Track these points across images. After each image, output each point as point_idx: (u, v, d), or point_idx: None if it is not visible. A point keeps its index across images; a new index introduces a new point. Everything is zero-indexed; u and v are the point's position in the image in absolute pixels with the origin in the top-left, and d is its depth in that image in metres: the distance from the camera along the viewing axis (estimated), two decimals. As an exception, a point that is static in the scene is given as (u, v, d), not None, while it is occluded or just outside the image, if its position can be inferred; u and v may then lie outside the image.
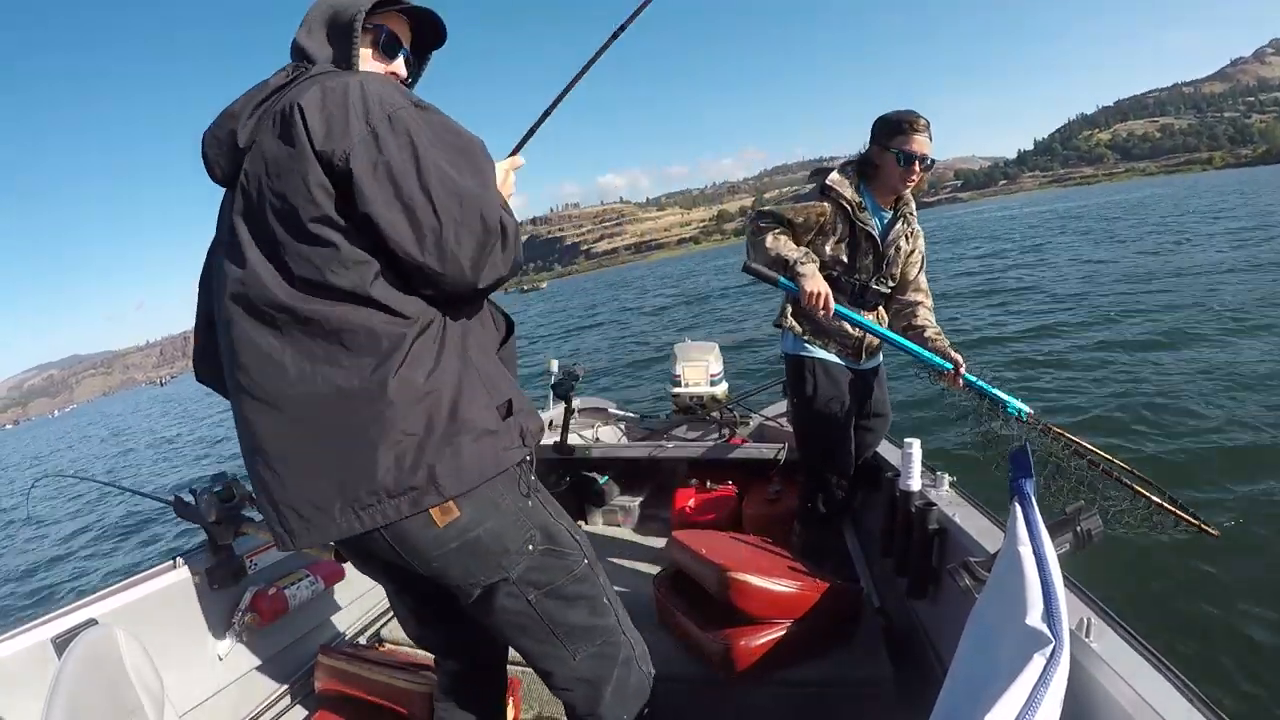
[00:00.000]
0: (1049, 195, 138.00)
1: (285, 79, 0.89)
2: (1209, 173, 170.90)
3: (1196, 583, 2.47)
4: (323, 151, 0.80)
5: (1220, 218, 18.42)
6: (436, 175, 0.82)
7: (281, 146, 0.82)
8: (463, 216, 0.83)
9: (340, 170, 0.80)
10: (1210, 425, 3.89)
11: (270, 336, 0.84)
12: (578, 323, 19.29)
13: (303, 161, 0.81)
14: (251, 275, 0.83)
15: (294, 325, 0.83)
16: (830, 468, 1.99)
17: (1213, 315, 6.61)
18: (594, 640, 1.01)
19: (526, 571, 0.93)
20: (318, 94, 0.82)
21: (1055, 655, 0.54)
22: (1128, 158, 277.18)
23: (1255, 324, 6.02)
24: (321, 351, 0.83)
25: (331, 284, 0.82)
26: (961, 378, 1.81)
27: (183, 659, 1.46)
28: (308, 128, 0.80)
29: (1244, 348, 5.35)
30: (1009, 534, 0.81)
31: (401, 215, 0.81)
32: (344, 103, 0.81)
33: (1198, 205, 26.00)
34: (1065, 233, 22.20)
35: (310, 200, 0.81)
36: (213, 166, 0.91)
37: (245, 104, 0.89)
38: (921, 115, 1.75)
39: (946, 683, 0.66)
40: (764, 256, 1.79)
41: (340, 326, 0.82)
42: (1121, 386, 4.86)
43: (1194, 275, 9.20)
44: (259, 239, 0.85)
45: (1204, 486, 3.20)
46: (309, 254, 0.82)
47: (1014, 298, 9.92)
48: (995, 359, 6.31)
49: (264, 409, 0.85)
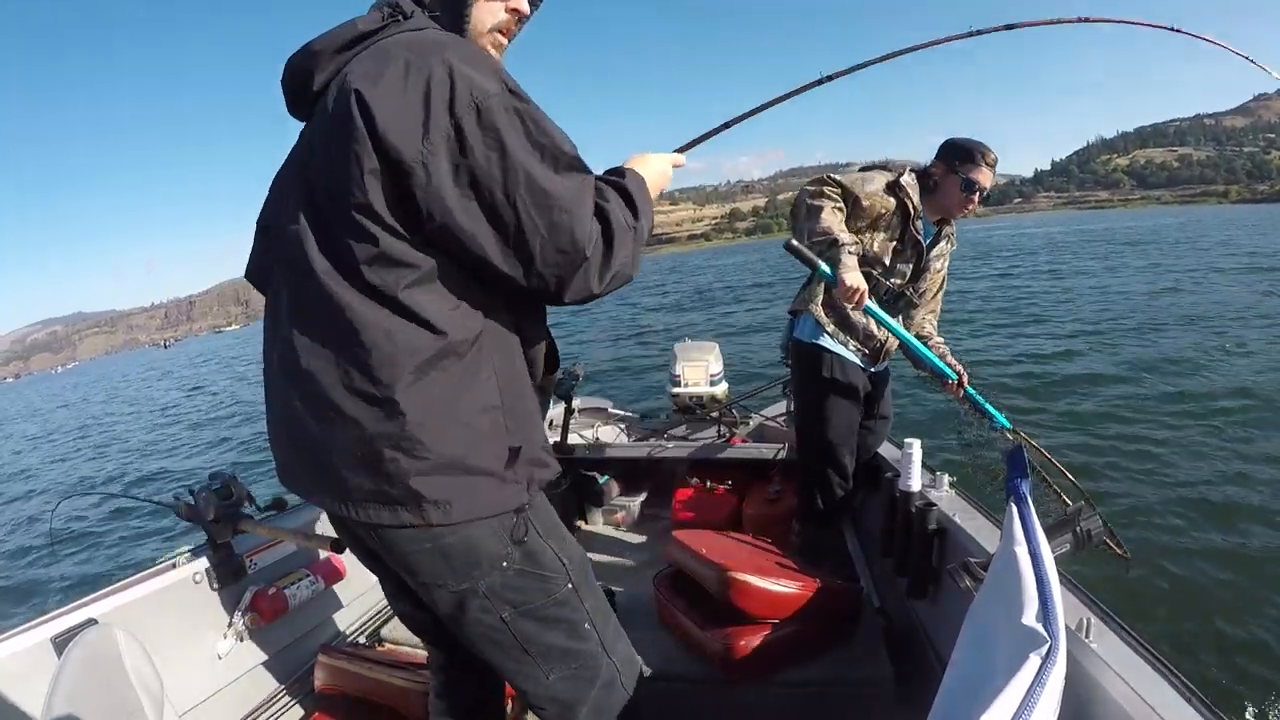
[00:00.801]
0: (1063, 217, 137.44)
1: (376, 25, 0.79)
2: (1224, 206, 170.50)
3: (1197, 582, 2.47)
4: (391, 146, 0.71)
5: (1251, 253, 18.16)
6: (526, 183, 0.73)
7: (342, 122, 0.73)
8: (551, 232, 0.74)
9: (409, 169, 0.72)
10: (1212, 450, 3.89)
11: (300, 300, 0.80)
12: (579, 324, 19.32)
13: (359, 145, 0.72)
14: (301, 233, 0.78)
15: (321, 301, 0.77)
16: (831, 466, 1.99)
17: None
18: (569, 663, 0.95)
19: (500, 588, 0.87)
20: (398, 75, 0.72)
21: (1051, 655, 0.54)
22: (1144, 185, 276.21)
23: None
24: (338, 338, 0.77)
25: (364, 276, 0.75)
26: (963, 389, 1.90)
27: (183, 659, 1.46)
28: (374, 115, 0.71)
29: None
30: (1005, 534, 0.81)
31: (486, 226, 0.74)
32: (425, 91, 0.71)
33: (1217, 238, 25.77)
34: (1080, 255, 22.21)
35: (360, 186, 0.73)
36: (290, 100, 0.86)
37: (328, 45, 0.80)
38: (992, 150, 1.82)
39: (944, 683, 0.66)
40: (815, 223, 1.73)
41: (363, 322, 0.75)
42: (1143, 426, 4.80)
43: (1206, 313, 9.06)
44: (309, 201, 0.79)
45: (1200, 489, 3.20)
46: (348, 239, 0.75)
47: (1025, 320, 9.89)
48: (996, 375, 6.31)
49: (281, 368, 0.83)
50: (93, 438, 14.35)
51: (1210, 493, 3.14)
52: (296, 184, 0.82)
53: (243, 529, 1.60)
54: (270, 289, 0.90)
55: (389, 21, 0.80)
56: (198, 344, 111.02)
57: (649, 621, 1.72)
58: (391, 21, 0.80)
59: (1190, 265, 15.73)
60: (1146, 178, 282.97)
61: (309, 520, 1.87)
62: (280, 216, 0.85)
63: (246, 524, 1.60)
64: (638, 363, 10.27)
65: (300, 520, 1.84)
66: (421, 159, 0.71)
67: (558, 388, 2.85)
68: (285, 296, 0.84)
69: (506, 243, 0.75)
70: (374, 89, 0.72)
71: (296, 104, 0.86)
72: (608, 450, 2.77)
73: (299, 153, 0.85)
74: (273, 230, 0.88)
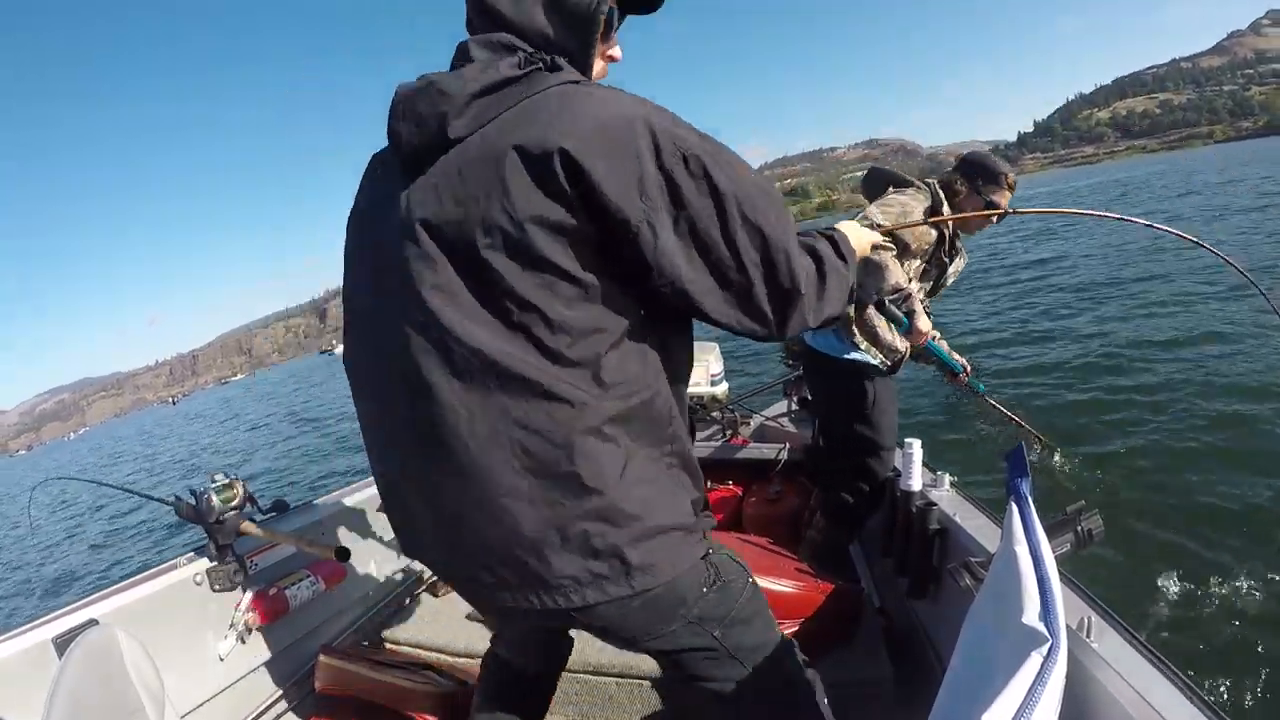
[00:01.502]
0: (1050, 176, 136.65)
1: (515, 71, 0.72)
2: (1210, 146, 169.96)
3: (1197, 582, 2.47)
4: (612, 205, 0.68)
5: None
6: (741, 225, 0.72)
7: (537, 178, 0.68)
8: (769, 270, 0.75)
9: (634, 229, 0.69)
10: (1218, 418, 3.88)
11: (450, 373, 0.72)
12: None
13: (560, 204, 0.68)
14: (444, 299, 0.72)
15: (483, 373, 0.71)
16: (883, 469, 1.94)
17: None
18: (766, 651, 0.93)
19: (706, 612, 0.85)
20: (596, 132, 0.68)
21: (1052, 653, 0.54)
22: (1128, 135, 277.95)
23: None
24: (515, 413, 0.71)
25: (540, 339, 0.71)
26: (967, 379, 2.02)
27: (183, 659, 1.46)
28: (587, 173, 0.67)
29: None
30: (1005, 533, 0.81)
31: (706, 273, 0.73)
32: (633, 148, 0.68)
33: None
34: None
35: (551, 247, 0.69)
36: (399, 138, 0.76)
37: (462, 88, 0.72)
38: (1012, 172, 1.97)
39: (944, 683, 0.66)
40: (885, 280, 1.78)
41: (542, 390, 0.71)
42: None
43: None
44: (455, 262, 0.72)
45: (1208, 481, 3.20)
46: (520, 301, 0.70)
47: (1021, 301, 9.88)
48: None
49: (428, 451, 0.76)
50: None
51: (1211, 485, 3.14)
52: (417, 242, 0.73)
53: (245, 531, 1.60)
54: (371, 362, 0.83)
55: (530, 70, 0.73)
56: (204, 397, 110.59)
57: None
58: (534, 70, 0.74)
59: (1183, 210, 15.70)
60: (1130, 127, 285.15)
61: (311, 523, 1.87)
62: (396, 280, 0.76)
63: (248, 526, 1.61)
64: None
65: (302, 523, 1.84)
66: (645, 217, 0.69)
67: None
68: (410, 368, 0.74)
69: (727, 286, 0.75)
70: (581, 146, 0.67)
71: (409, 142, 0.76)
72: None
73: (407, 194, 0.75)
74: (384, 294, 0.79)
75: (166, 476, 14.36)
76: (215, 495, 1.57)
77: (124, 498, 9.07)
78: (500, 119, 0.72)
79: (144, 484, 13.65)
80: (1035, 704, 0.50)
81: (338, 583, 1.84)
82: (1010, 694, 0.51)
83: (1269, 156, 40.35)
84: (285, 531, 1.69)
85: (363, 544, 2.01)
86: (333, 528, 1.95)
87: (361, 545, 1.99)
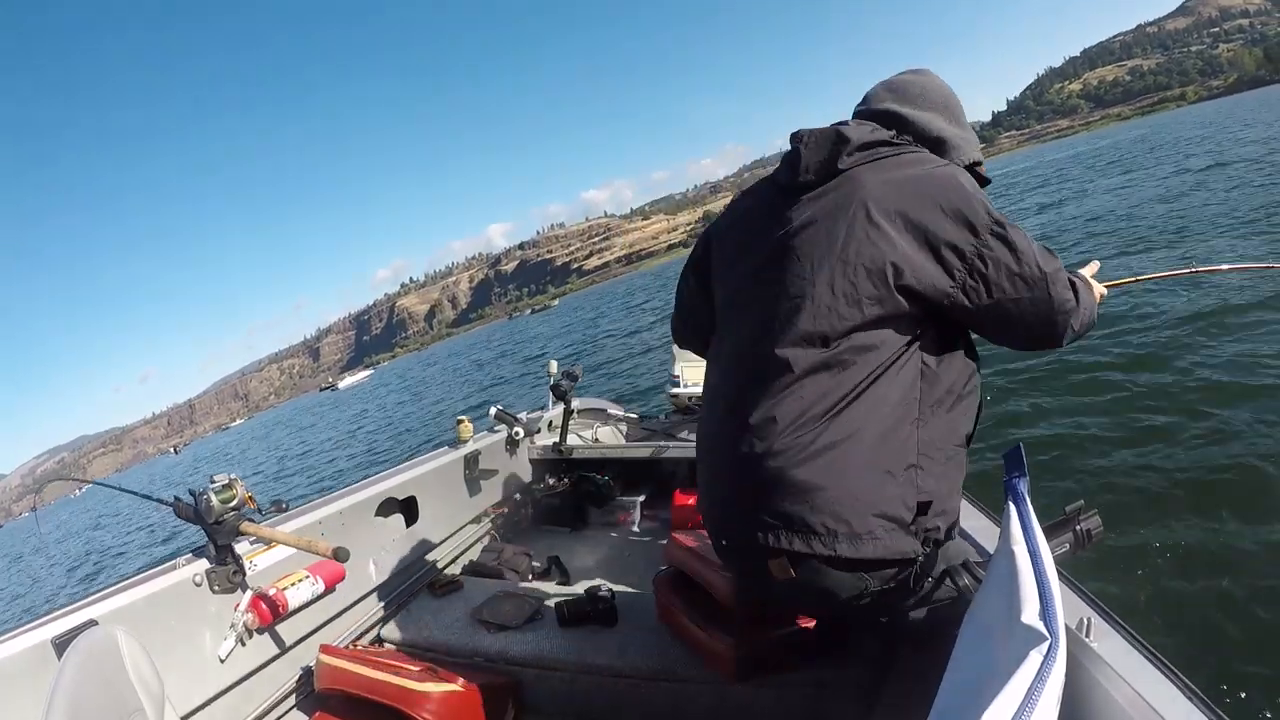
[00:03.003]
0: (1027, 152, 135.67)
1: (889, 137, 1.06)
2: (1184, 107, 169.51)
3: (1197, 583, 2.47)
4: (959, 238, 0.95)
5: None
6: (1038, 266, 0.99)
7: (917, 211, 0.96)
8: (1055, 295, 1.01)
9: (970, 257, 0.96)
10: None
11: (803, 358, 0.97)
12: (584, 334, 19.27)
13: (924, 234, 0.96)
14: (816, 299, 0.97)
15: (830, 359, 0.96)
16: None
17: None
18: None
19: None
20: (954, 188, 0.98)
21: (1052, 652, 0.54)
22: (1101, 105, 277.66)
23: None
24: (854, 395, 0.96)
25: (889, 346, 0.97)
26: None
27: (183, 660, 1.46)
28: (958, 209, 0.96)
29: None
30: (1003, 533, 0.81)
31: (1015, 301, 0.99)
32: (979, 203, 0.97)
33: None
34: (1051, 186, 21.92)
35: (908, 265, 0.95)
36: (799, 167, 1.05)
37: (855, 138, 1.02)
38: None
39: (944, 683, 0.66)
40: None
41: (868, 383, 0.96)
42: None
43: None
44: (822, 269, 0.98)
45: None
46: (881, 312, 0.96)
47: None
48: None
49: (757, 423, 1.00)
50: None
51: (1211, 485, 3.13)
52: (793, 251, 1.01)
53: (244, 532, 1.60)
54: (741, 366, 1.08)
55: (895, 140, 1.06)
56: (206, 444, 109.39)
57: (649, 621, 1.72)
58: (899, 140, 1.07)
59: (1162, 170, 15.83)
60: (1102, 97, 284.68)
61: (311, 523, 1.87)
62: (770, 288, 1.04)
63: (248, 526, 1.60)
64: (638, 364, 10.26)
65: (302, 523, 1.84)
66: (981, 248, 0.96)
67: (556, 389, 2.85)
68: (765, 373, 1.00)
69: (1032, 307, 1.01)
70: (947, 192, 0.97)
71: (805, 173, 1.05)
72: (608, 450, 2.77)
73: (793, 216, 1.04)
74: (759, 301, 1.06)
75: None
76: (214, 496, 1.56)
77: (114, 514, 9.04)
78: (878, 166, 1.05)
79: (166, 523, 13.35)
80: (1035, 704, 0.50)
81: (338, 583, 1.84)
82: (1010, 693, 0.51)
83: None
84: (285, 532, 1.69)
85: (362, 544, 2.01)
86: (333, 528, 1.95)
87: (361, 545, 1.99)
